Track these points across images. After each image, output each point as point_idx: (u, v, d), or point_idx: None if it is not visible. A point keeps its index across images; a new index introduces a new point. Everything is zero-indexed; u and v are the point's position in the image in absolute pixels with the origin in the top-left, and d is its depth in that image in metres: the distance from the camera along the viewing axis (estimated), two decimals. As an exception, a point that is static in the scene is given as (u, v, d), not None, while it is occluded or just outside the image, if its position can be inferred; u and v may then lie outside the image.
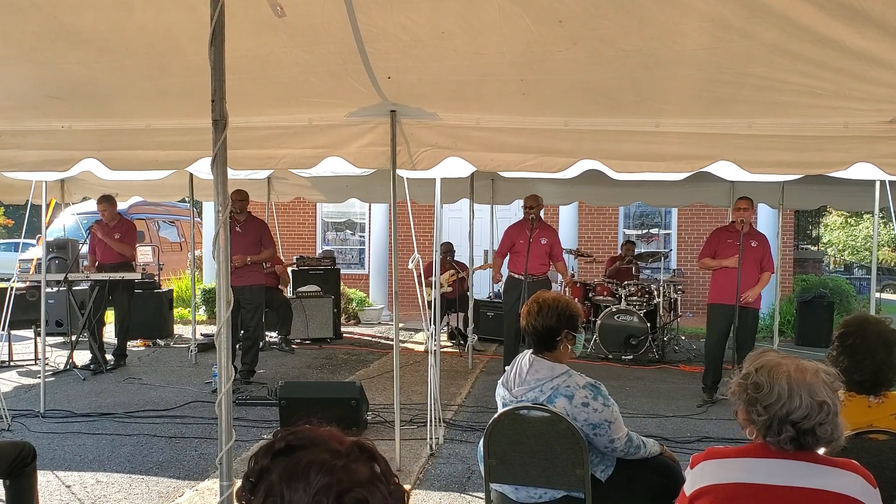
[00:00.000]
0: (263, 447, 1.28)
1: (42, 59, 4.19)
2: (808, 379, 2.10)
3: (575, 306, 3.49)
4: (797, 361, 2.16)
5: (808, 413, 2.07)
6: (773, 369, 2.15)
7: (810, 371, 2.12)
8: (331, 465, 1.20)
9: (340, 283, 12.93)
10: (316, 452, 1.23)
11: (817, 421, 2.07)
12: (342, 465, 1.20)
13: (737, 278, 7.56)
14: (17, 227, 23.13)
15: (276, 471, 1.22)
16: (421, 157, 5.47)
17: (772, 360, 2.19)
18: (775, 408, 2.11)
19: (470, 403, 7.81)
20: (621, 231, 16.61)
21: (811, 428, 2.08)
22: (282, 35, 3.77)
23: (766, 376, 2.15)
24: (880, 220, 8.43)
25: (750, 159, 5.03)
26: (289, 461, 1.22)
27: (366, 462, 1.24)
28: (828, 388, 2.10)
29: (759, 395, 2.14)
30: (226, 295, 3.17)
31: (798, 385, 2.09)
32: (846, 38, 3.37)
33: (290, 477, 1.19)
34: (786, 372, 2.13)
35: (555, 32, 3.61)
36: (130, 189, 10.74)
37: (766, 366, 2.18)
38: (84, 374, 8.90)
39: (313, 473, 1.19)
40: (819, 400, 2.07)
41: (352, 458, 1.23)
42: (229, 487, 3.22)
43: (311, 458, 1.21)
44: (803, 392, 2.08)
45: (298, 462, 1.21)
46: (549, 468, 3.31)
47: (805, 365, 2.14)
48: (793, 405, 2.08)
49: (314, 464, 1.20)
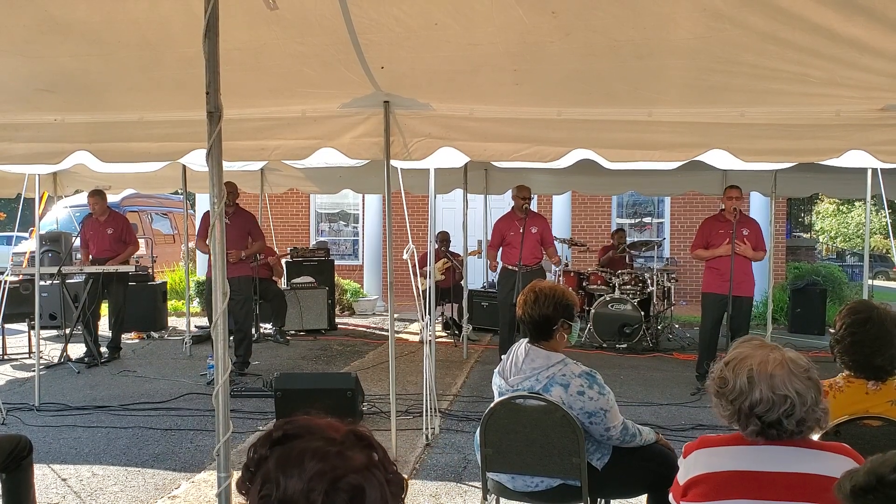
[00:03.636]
0: (262, 437, 1.29)
1: (33, 52, 4.17)
2: (771, 371, 2.11)
3: (571, 295, 3.51)
4: (767, 353, 2.16)
5: (770, 406, 2.10)
6: (739, 364, 2.18)
7: (775, 363, 2.13)
8: (325, 451, 1.21)
9: (334, 274, 12.92)
10: (311, 440, 1.24)
11: (781, 413, 2.09)
12: (336, 452, 1.22)
13: (730, 267, 7.59)
14: (10, 221, 23.00)
15: (272, 459, 1.23)
16: (415, 147, 5.46)
17: (742, 352, 2.21)
18: (739, 402, 2.14)
19: (465, 393, 7.83)
20: (614, 220, 16.64)
21: (776, 420, 2.11)
22: (275, 27, 3.77)
23: (731, 371, 2.18)
24: (872, 208, 8.45)
25: (743, 147, 5.04)
26: (284, 449, 1.24)
27: (362, 449, 1.25)
28: (796, 380, 2.10)
29: (724, 389, 2.19)
30: (222, 286, 3.17)
31: (759, 379, 2.12)
32: (837, 25, 3.38)
33: (286, 464, 1.21)
34: (748, 366, 2.15)
35: (548, 23, 3.61)
36: (123, 181, 10.69)
37: (734, 360, 2.21)
38: (78, 367, 8.90)
39: (307, 460, 1.20)
40: (781, 393, 2.09)
41: (347, 446, 1.24)
42: (227, 479, 3.23)
43: (305, 445, 1.23)
44: (763, 385, 2.10)
45: (293, 450, 1.23)
46: (545, 457, 3.33)
47: (771, 357, 2.15)
48: (754, 398, 2.11)
49: (308, 451, 1.21)
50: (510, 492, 3.50)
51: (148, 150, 5.70)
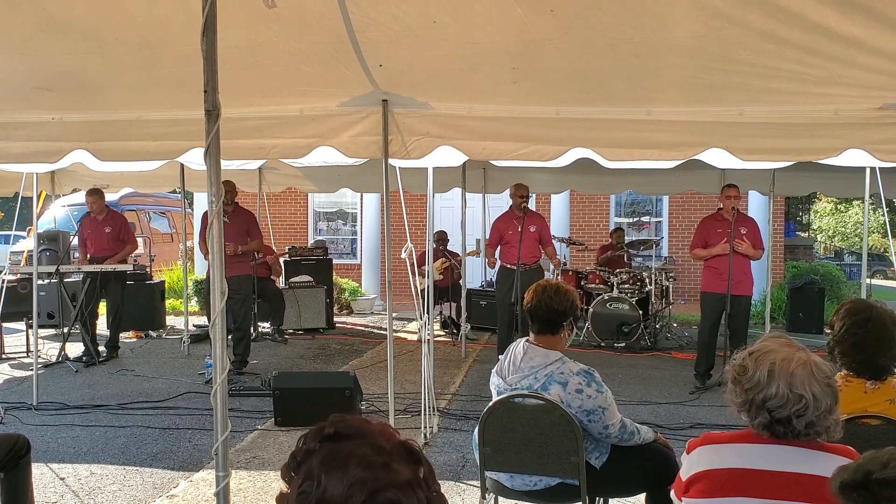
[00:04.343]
0: (315, 429, 1.27)
1: (31, 50, 4.16)
2: (793, 369, 2.11)
3: (578, 299, 3.55)
4: (793, 352, 2.16)
5: (784, 402, 2.10)
6: (763, 356, 2.18)
7: (798, 363, 2.13)
8: (371, 460, 1.19)
9: (333, 273, 12.92)
10: (360, 445, 1.22)
11: (793, 412, 2.09)
12: (382, 463, 1.19)
13: (728, 266, 7.60)
14: (8, 220, 23.01)
15: (318, 455, 1.22)
16: (413, 146, 5.46)
17: (768, 346, 2.21)
18: (753, 392, 2.15)
19: (463, 392, 7.83)
20: (612, 219, 16.63)
21: (786, 417, 2.11)
22: (273, 25, 3.76)
23: (753, 361, 2.19)
24: (870, 206, 8.45)
25: (741, 146, 5.04)
26: (332, 448, 1.22)
27: (409, 464, 1.23)
28: (815, 383, 2.10)
29: (742, 377, 2.19)
30: (220, 285, 3.16)
31: (779, 374, 2.12)
32: (836, 24, 3.38)
33: (330, 465, 1.19)
34: (771, 360, 2.15)
35: (546, 22, 3.60)
36: (121, 180, 10.69)
37: (758, 351, 2.21)
38: (76, 366, 8.89)
39: (352, 466, 1.18)
40: (797, 392, 2.09)
41: (394, 458, 1.22)
42: (225, 478, 3.23)
43: (353, 449, 1.21)
44: (782, 381, 2.10)
45: (341, 451, 1.21)
46: (543, 455, 3.33)
47: (797, 356, 2.15)
48: (769, 392, 2.11)
49: (355, 456, 1.19)
50: (509, 491, 3.50)
51: (146, 149, 5.69)
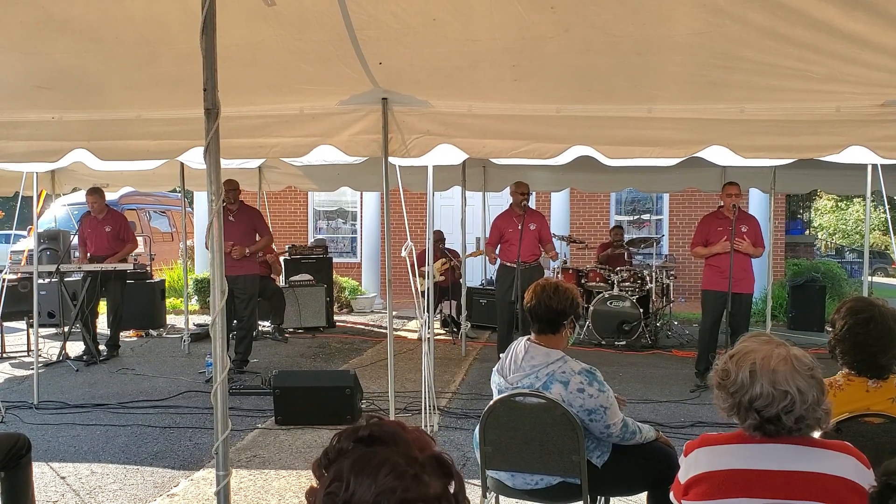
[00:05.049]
0: (350, 429, 1.26)
1: (30, 49, 4.15)
2: (774, 366, 2.11)
3: (579, 299, 3.54)
4: (772, 349, 2.15)
5: (770, 401, 2.09)
6: (743, 357, 2.17)
7: (779, 359, 2.12)
8: (403, 470, 1.18)
9: (333, 272, 12.92)
10: (393, 452, 1.21)
11: (781, 409, 2.08)
12: (413, 475, 1.18)
13: (729, 264, 7.59)
14: (8, 219, 23.02)
15: (351, 456, 1.21)
16: (413, 144, 5.45)
17: (747, 346, 2.21)
18: (739, 395, 2.14)
19: (464, 391, 7.83)
20: (613, 217, 16.62)
21: (775, 415, 2.10)
22: (272, 23, 3.75)
23: (734, 364, 2.18)
24: (871, 204, 8.44)
25: (743, 144, 5.03)
26: (365, 452, 1.21)
27: (440, 478, 1.21)
28: (798, 377, 2.09)
29: (726, 381, 2.19)
30: (220, 285, 3.16)
31: (761, 373, 2.11)
32: (838, 21, 3.37)
33: (361, 468, 1.18)
34: (752, 360, 2.14)
35: (547, 19, 3.59)
36: (121, 179, 10.69)
37: (738, 353, 2.21)
38: (77, 365, 8.88)
39: (383, 473, 1.17)
40: (782, 389, 2.08)
41: (426, 470, 1.20)
42: (225, 477, 3.23)
43: (386, 456, 1.19)
44: (765, 380, 2.10)
45: (374, 456, 1.20)
46: (545, 454, 3.32)
47: (776, 353, 2.14)
48: (754, 392, 2.11)
49: (387, 463, 1.18)
50: (510, 489, 3.50)
51: (146, 148, 5.69)
